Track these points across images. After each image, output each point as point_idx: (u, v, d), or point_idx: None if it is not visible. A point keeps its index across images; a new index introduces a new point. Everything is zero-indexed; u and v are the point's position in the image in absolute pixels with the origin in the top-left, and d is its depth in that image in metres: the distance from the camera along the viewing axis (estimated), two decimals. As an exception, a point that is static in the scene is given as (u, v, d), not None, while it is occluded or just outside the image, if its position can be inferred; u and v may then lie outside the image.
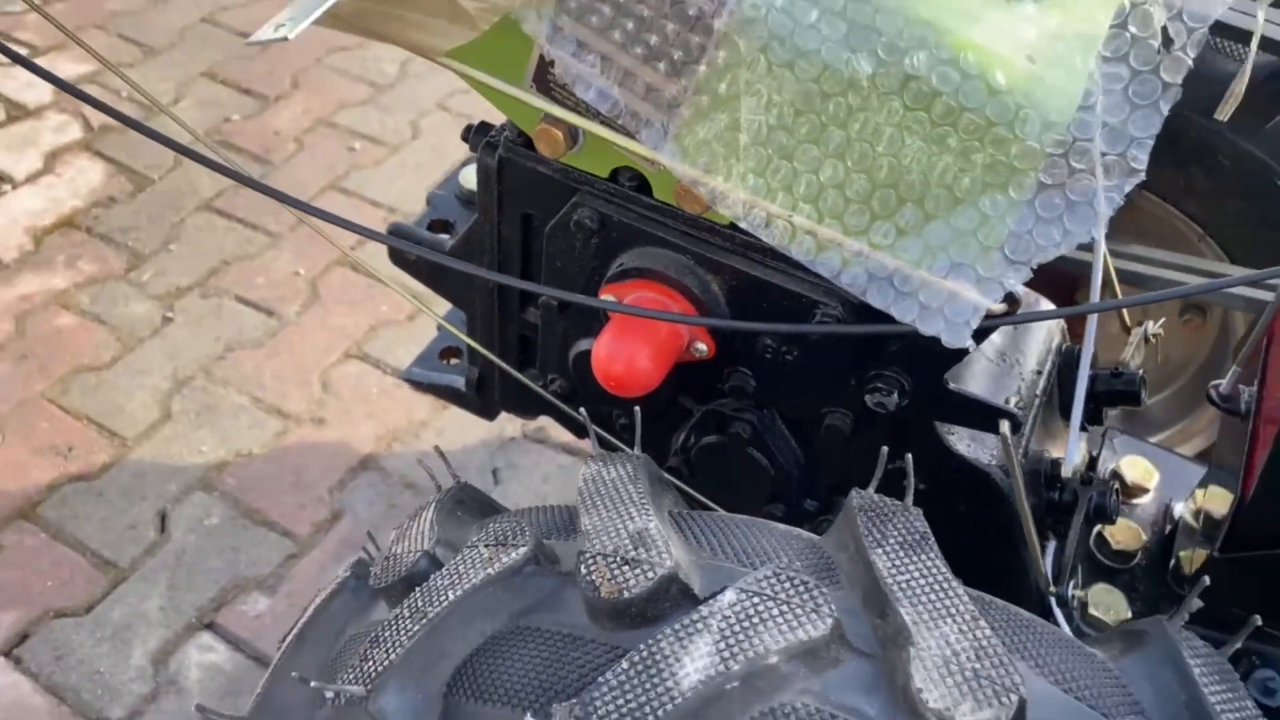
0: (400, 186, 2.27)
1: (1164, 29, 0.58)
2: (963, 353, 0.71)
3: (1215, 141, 1.06)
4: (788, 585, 0.53)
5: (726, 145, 0.63)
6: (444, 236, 0.98)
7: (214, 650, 1.53)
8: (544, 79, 0.71)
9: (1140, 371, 0.89)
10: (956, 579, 0.54)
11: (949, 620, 0.52)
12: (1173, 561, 0.88)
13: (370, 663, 0.60)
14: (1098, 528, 0.92)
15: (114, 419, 1.81)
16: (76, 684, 1.48)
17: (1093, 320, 0.80)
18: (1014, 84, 0.59)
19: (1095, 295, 0.79)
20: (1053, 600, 0.80)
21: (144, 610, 1.57)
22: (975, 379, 0.79)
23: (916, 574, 0.54)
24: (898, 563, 0.55)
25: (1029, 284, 0.72)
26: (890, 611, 0.53)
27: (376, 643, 0.61)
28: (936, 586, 0.53)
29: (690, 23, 0.61)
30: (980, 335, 0.64)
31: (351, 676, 0.61)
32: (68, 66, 2.46)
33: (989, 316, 0.62)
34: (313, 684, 0.61)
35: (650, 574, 0.55)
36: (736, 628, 0.52)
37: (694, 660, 0.51)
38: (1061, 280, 0.98)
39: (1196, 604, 0.59)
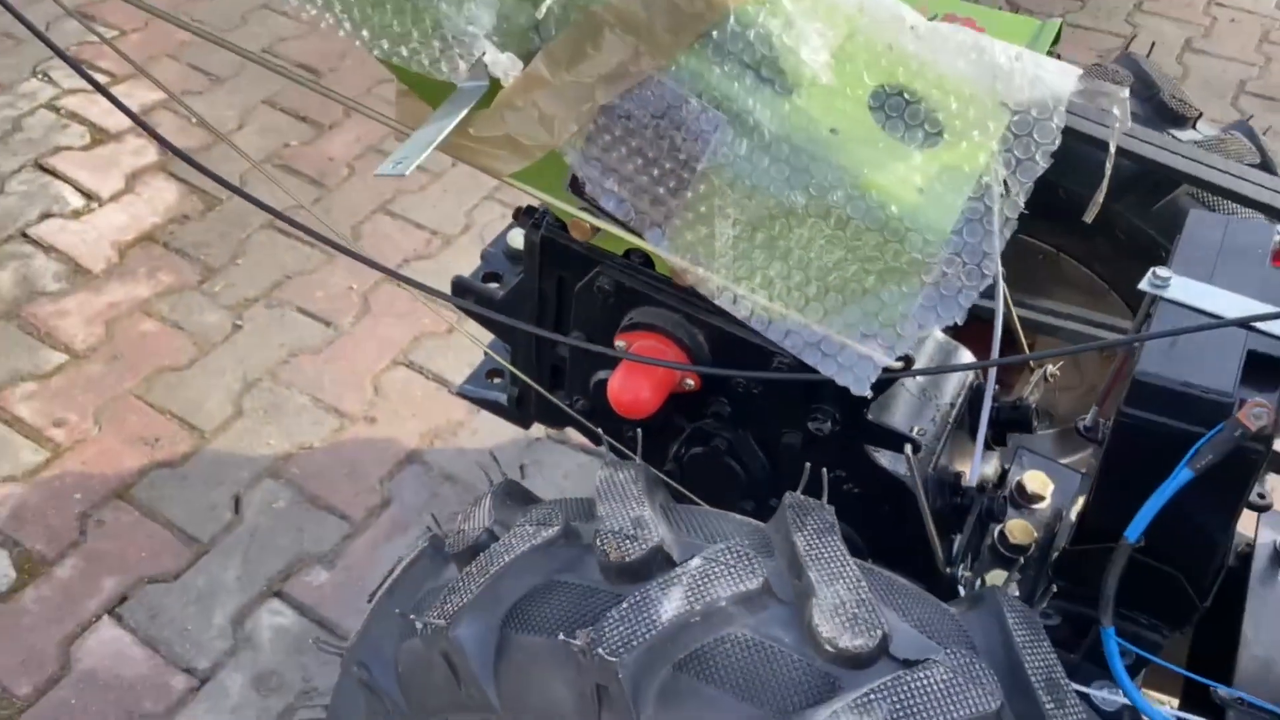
0: (442, 210, 2.53)
1: (1005, 181, 0.83)
2: (881, 392, 0.97)
3: (1115, 219, 1.30)
4: (735, 555, 0.80)
5: (705, 246, 0.89)
6: (494, 285, 1.25)
7: (282, 614, 1.80)
8: (577, 187, 0.97)
9: (1033, 404, 1.14)
10: (850, 554, 0.80)
11: (841, 582, 0.78)
12: (1054, 554, 1.14)
13: (449, 605, 0.87)
14: (1001, 525, 1.17)
15: (193, 414, 2.09)
16: (169, 639, 1.76)
17: (992, 373, 1.06)
18: (905, 213, 0.85)
19: (995, 352, 1.04)
20: (953, 577, 1.06)
21: (223, 579, 1.84)
22: (897, 410, 1.05)
23: (823, 550, 0.80)
24: (811, 542, 0.81)
25: (958, 333, 0.97)
26: (803, 575, 0.79)
27: (453, 591, 0.87)
28: (835, 559, 0.79)
29: (681, 162, 0.87)
30: (880, 385, 0.89)
31: (434, 614, 0.87)
32: (143, 94, 2.74)
33: (887, 371, 0.88)
34: (410, 617, 0.87)
35: (644, 546, 0.81)
36: (700, 582, 0.78)
37: (670, 603, 0.78)
38: (986, 328, 1.24)
39: (1024, 582, 0.85)
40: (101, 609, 1.78)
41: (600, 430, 1.06)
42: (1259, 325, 0.86)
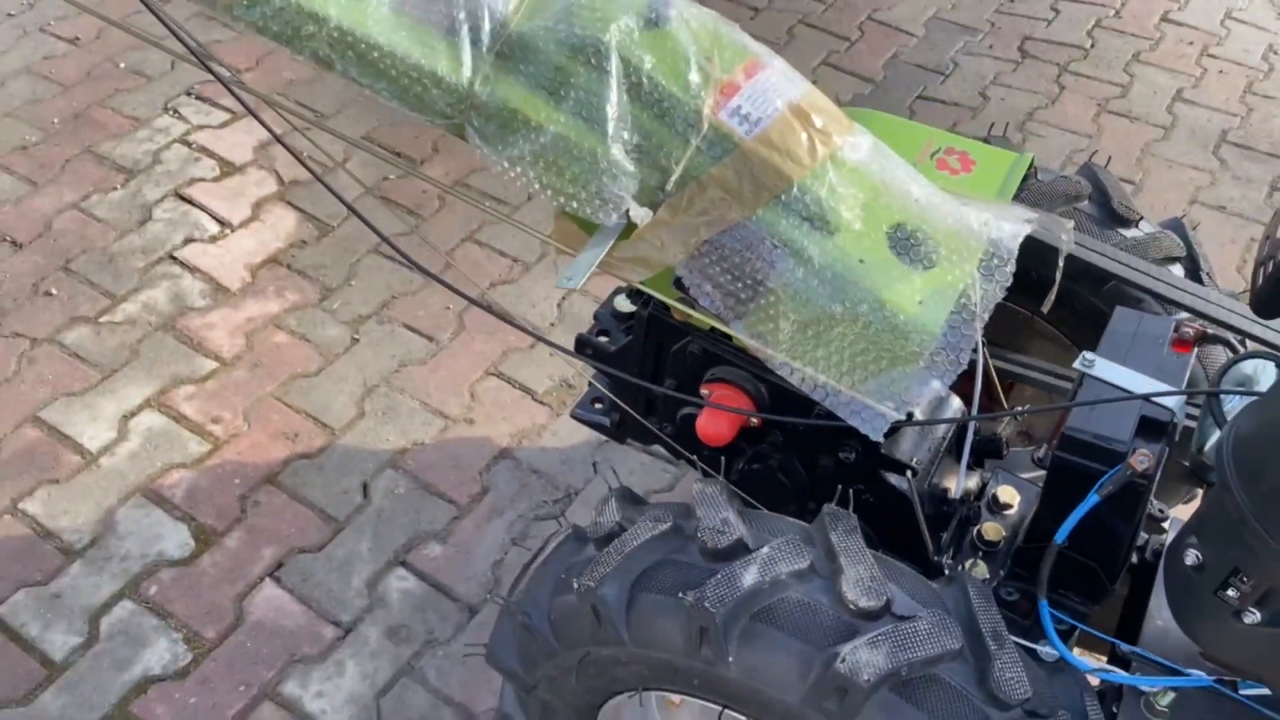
0: (521, 240, 2.95)
1: (977, 301, 1.25)
2: (890, 435, 1.39)
3: (1075, 296, 1.70)
4: (791, 545, 1.22)
5: (772, 335, 1.31)
6: (605, 339, 1.66)
7: (407, 580, 2.24)
8: (680, 285, 1.39)
9: (1005, 437, 1.56)
10: (868, 547, 1.22)
11: (860, 565, 1.20)
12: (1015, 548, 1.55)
13: (596, 572, 1.29)
14: (979, 526, 1.58)
15: (324, 414, 2.52)
16: (318, 598, 2.19)
17: (971, 426, 1.47)
18: (909, 319, 1.26)
19: (975, 407, 1.45)
20: (940, 564, 1.48)
21: (358, 550, 2.28)
22: (902, 445, 1.46)
23: (849, 544, 1.22)
24: (841, 538, 1.22)
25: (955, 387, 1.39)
26: (835, 559, 1.21)
27: (597, 564, 1.29)
28: (857, 550, 1.21)
29: (756, 280, 1.29)
30: (890, 433, 1.31)
31: (585, 579, 1.29)
32: (261, 129, 3.16)
33: (895, 425, 1.30)
34: (569, 578, 1.30)
35: (730, 538, 1.23)
36: (768, 563, 1.20)
37: (749, 575, 1.20)
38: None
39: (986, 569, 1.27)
40: (264, 572, 2.22)
41: (684, 450, 1.48)
42: (1152, 399, 1.27)
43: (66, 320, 2.66)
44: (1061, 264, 1.41)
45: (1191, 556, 1.14)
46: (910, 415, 1.33)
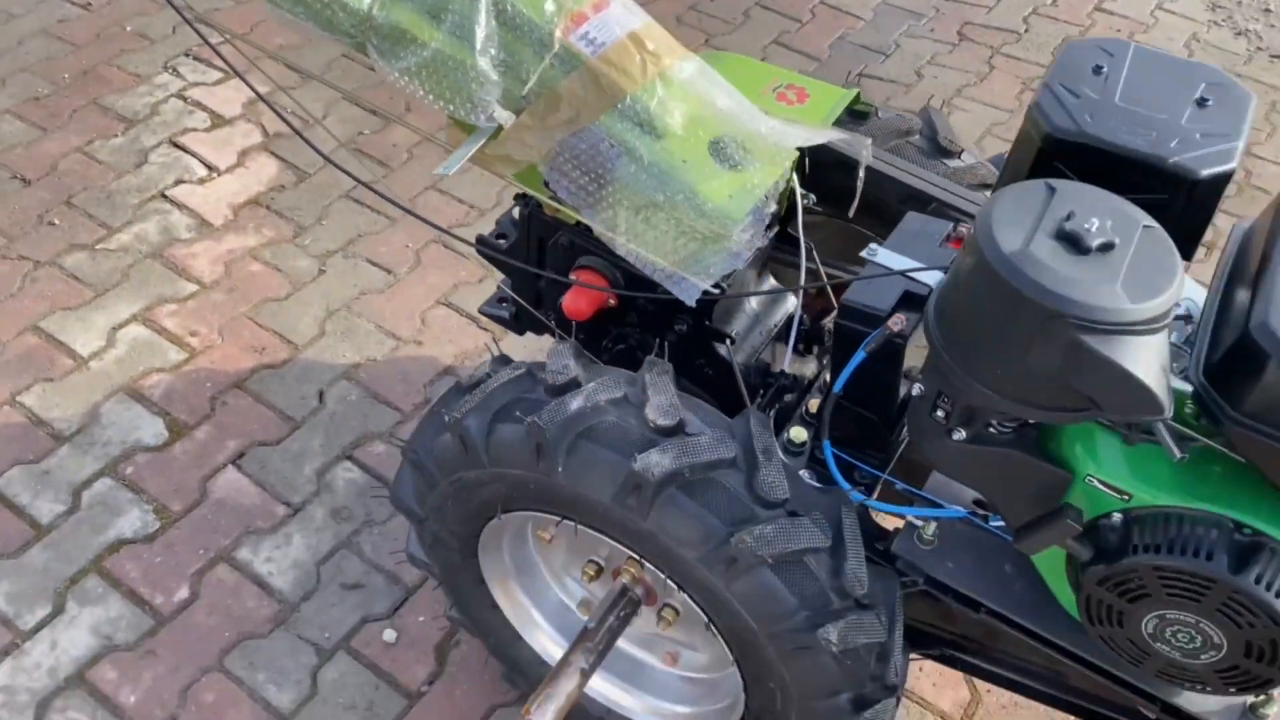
0: (478, 190, 3.26)
1: (776, 196, 1.55)
2: (713, 306, 1.69)
3: (898, 217, 1.99)
4: (613, 381, 1.52)
5: (613, 221, 1.61)
6: (503, 240, 1.97)
7: (352, 471, 2.55)
8: (548, 186, 1.69)
9: (826, 326, 1.85)
10: (673, 386, 1.52)
11: (664, 396, 1.50)
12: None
13: (462, 409, 1.59)
14: (805, 403, 1.88)
15: (290, 332, 2.83)
16: (273, 482, 2.51)
17: (798, 305, 1.76)
18: (718, 206, 1.56)
19: (801, 278, 1.74)
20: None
21: (311, 445, 2.59)
22: (730, 322, 1.77)
23: (658, 382, 1.52)
24: (653, 378, 1.52)
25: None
26: (646, 392, 1.51)
27: (464, 403, 1.60)
28: (663, 386, 1.51)
29: (600, 174, 1.59)
30: (702, 303, 1.61)
31: (453, 414, 1.60)
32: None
33: (707, 293, 1.60)
34: (445, 415, 1.60)
35: (567, 376, 1.54)
36: (591, 394, 1.50)
37: (575, 403, 1.50)
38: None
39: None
40: (227, 460, 2.53)
41: (564, 334, 1.79)
42: (910, 275, 1.57)
43: (66, 246, 3.00)
44: (862, 174, 1.71)
45: (917, 389, 1.43)
46: (722, 290, 1.63)
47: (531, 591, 1.94)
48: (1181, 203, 1.35)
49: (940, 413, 1.40)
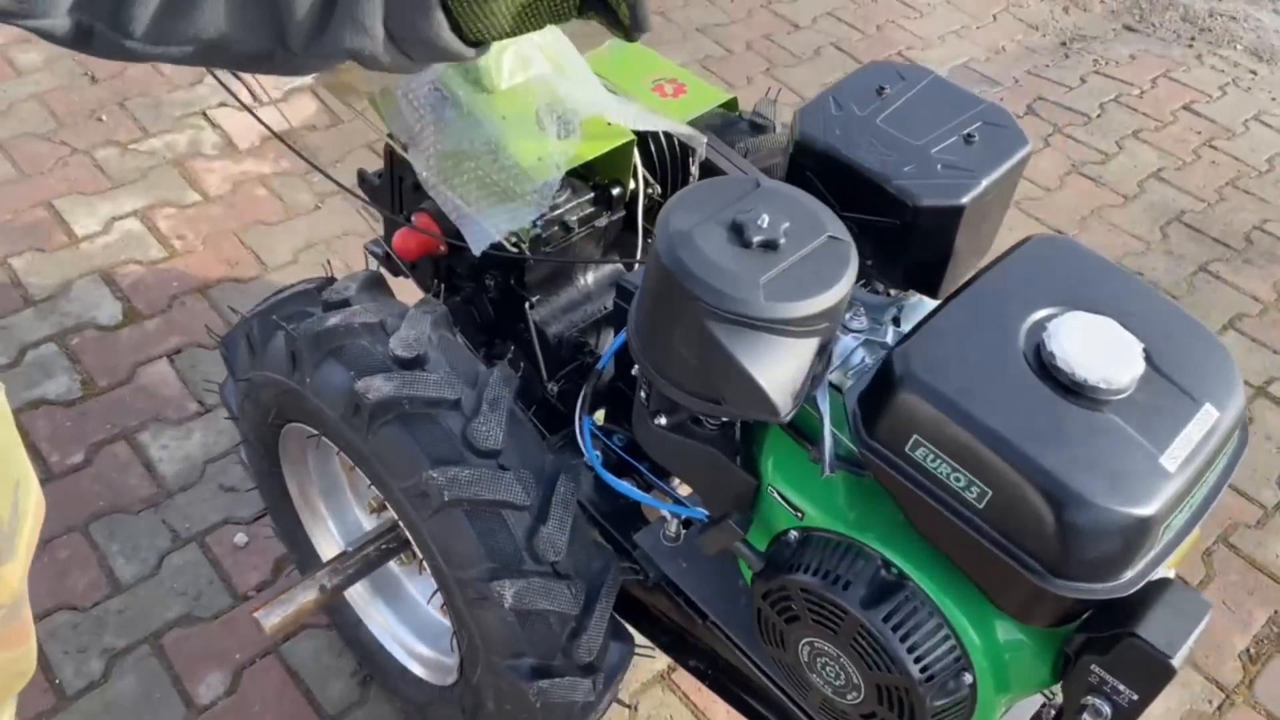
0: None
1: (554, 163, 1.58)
2: (522, 267, 1.73)
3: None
4: (375, 309, 1.58)
5: (433, 162, 1.67)
6: (378, 179, 2.06)
7: (271, 389, 2.68)
8: (384, 119, 1.77)
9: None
10: (433, 318, 1.56)
11: (415, 330, 1.54)
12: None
13: (256, 311, 1.68)
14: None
15: (266, 254, 3.00)
16: (196, 381, 2.64)
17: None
18: (523, 167, 1.60)
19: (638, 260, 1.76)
20: (550, 393, 1.80)
21: (244, 358, 2.73)
22: (548, 288, 1.80)
23: (419, 319, 1.57)
24: (416, 315, 1.57)
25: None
26: (401, 324, 1.56)
27: (263, 308, 1.68)
28: (420, 320, 1.55)
29: (421, 114, 1.66)
30: (506, 260, 1.65)
31: (250, 315, 1.68)
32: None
33: (499, 250, 1.64)
34: (247, 318, 1.69)
35: (340, 297, 1.60)
36: (350, 315, 1.57)
37: (332, 319, 1.56)
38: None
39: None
40: (163, 353, 2.70)
41: (420, 282, 1.86)
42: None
43: (103, 140, 3.25)
44: (697, 162, 1.73)
45: (636, 369, 1.44)
46: (519, 249, 1.67)
47: (334, 511, 2.02)
48: (907, 229, 1.32)
49: (643, 393, 1.40)
